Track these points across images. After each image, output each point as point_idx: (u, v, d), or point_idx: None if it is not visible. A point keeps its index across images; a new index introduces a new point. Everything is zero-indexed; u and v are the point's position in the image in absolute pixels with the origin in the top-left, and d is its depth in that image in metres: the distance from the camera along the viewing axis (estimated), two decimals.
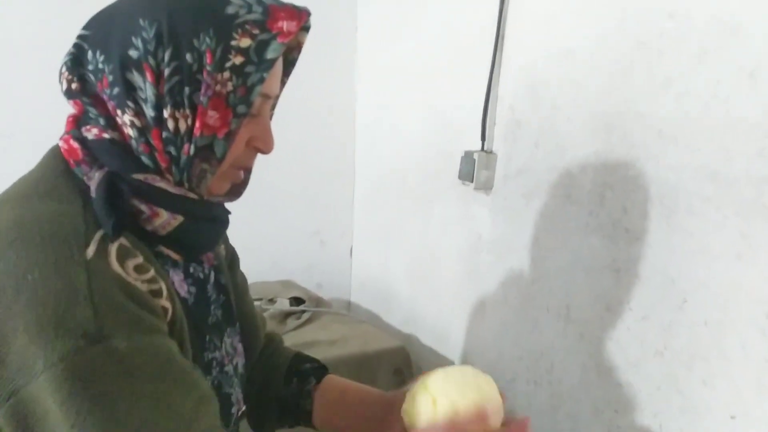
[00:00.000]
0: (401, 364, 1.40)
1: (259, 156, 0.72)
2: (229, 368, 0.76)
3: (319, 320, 1.58)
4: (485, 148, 1.34)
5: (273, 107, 0.74)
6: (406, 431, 0.73)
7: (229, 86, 0.62)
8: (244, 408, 0.79)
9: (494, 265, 1.36)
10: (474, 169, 1.33)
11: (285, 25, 0.63)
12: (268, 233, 1.95)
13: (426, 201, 1.61)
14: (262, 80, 0.62)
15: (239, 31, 0.61)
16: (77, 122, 0.65)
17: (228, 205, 0.75)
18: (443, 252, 1.55)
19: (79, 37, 0.64)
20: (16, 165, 0.71)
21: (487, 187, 1.35)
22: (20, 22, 1.49)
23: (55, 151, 0.66)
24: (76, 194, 0.62)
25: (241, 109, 0.63)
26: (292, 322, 1.52)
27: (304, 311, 1.60)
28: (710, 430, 0.91)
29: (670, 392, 0.96)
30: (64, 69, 0.64)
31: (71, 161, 0.64)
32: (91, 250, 0.58)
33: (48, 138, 0.69)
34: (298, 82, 1.85)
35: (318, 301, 1.69)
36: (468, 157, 1.35)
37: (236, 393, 0.76)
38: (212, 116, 0.62)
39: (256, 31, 0.62)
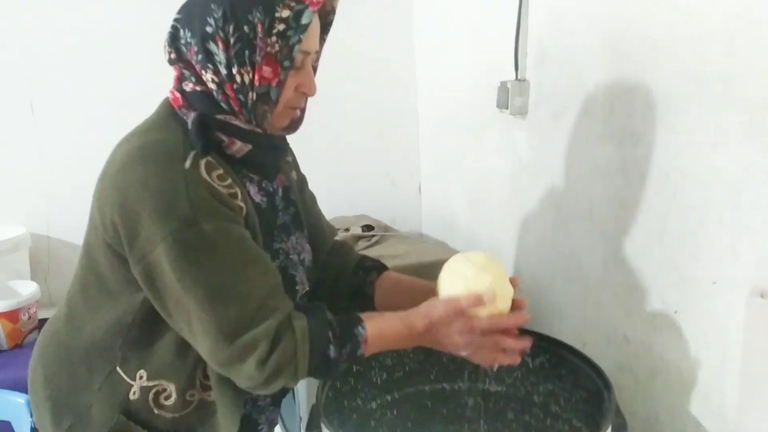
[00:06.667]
0: None
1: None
2: (294, 257, 1.01)
3: (386, 242, 1.83)
4: (518, 77, 1.50)
5: (317, 60, 0.96)
6: None
7: (276, 47, 0.85)
8: (307, 289, 1.05)
9: (532, 182, 1.53)
10: (508, 97, 1.50)
11: None
12: (346, 176, 2.21)
13: (476, 134, 1.79)
14: (299, 41, 0.85)
15: (281, 5, 0.84)
16: (179, 80, 0.92)
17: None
18: (493, 177, 1.73)
19: (174, 20, 0.90)
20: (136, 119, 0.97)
21: (522, 112, 1.52)
22: (133, 16, 1.83)
23: (165, 100, 0.94)
24: (179, 128, 0.89)
25: (286, 63, 0.86)
26: (362, 244, 1.79)
27: (373, 236, 1.86)
28: (698, 296, 1.06)
29: (668, 270, 1.12)
30: (166, 44, 0.91)
31: (175, 107, 0.91)
32: (188, 163, 0.85)
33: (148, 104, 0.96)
34: (362, 40, 2.08)
35: (386, 228, 1.94)
36: (503, 86, 1.52)
37: (300, 276, 1.01)
38: (266, 70, 0.86)
39: (293, 4, 0.84)
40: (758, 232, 0.94)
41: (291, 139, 1.03)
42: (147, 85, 1.88)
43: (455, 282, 0.94)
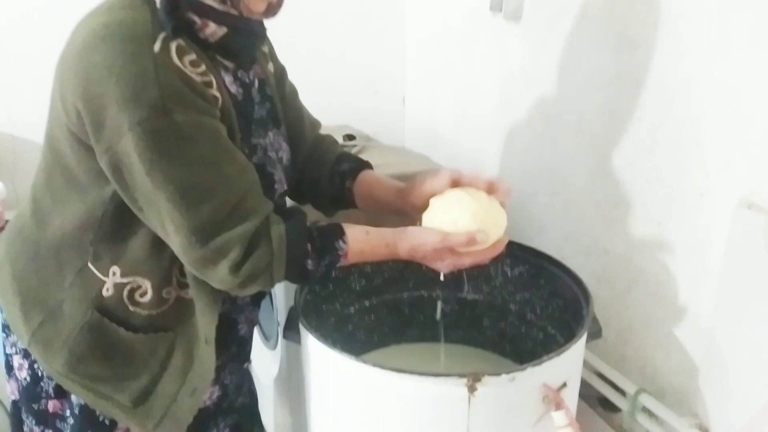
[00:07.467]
0: None
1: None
2: (272, 155, 0.96)
3: (367, 152, 1.78)
4: None
5: None
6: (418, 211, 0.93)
7: None
8: (286, 188, 1.00)
9: (522, 92, 1.48)
10: None
11: None
12: (327, 84, 2.10)
13: (466, 40, 1.71)
14: None
15: None
16: None
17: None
18: (481, 87, 1.67)
19: None
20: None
21: (516, 16, 1.44)
22: None
23: None
24: (146, 6, 0.81)
25: None
26: None
27: (354, 146, 1.80)
28: (683, 209, 1.05)
29: (656, 183, 1.11)
30: None
31: None
32: (157, 46, 0.77)
33: None
34: None
35: (367, 138, 1.89)
36: None
37: (278, 174, 0.96)
38: None
39: None
40: (753, 144, 0.92)
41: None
42: None
43: (454, 212, 0.88)
